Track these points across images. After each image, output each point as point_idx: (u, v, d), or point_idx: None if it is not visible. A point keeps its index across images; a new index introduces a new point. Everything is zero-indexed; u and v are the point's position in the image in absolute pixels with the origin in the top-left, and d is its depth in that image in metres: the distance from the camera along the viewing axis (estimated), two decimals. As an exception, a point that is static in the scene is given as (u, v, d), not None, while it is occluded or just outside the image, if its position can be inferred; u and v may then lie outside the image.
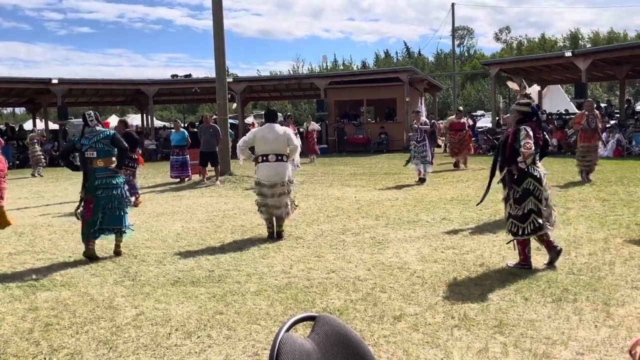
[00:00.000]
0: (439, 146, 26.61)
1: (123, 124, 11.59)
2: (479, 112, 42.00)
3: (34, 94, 28.85)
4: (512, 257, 6.28)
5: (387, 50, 73.65)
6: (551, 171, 14.51)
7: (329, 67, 62.00)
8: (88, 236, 6.94)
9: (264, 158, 7.77)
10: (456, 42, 47.96)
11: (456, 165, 17.19)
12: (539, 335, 4.13)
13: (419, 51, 70.24)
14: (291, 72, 60.99)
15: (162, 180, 16.36)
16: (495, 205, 9.72)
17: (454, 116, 18.46)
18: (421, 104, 27.58)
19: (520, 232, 5.79)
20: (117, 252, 7.14)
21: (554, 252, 5.84)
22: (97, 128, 7.15)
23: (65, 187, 15.62)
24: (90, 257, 6.91)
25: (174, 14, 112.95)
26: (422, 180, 13.45)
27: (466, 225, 8.15)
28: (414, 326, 4.39)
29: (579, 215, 8.61)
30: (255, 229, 8.45)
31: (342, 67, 62.83)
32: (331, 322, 1.73)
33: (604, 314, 4.49)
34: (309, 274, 5.93)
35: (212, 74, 32.51)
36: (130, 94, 32.53)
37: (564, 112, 27.09)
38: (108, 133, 7.13)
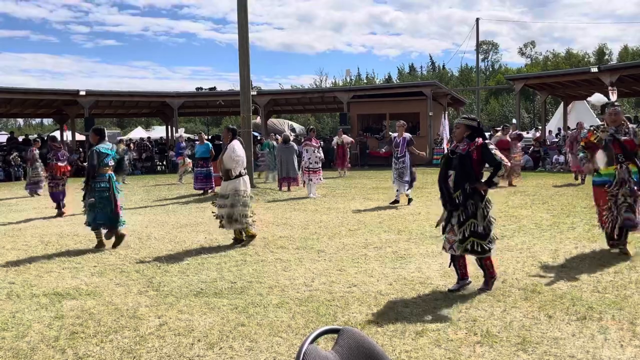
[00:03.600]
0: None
1: (53, 141, 13.13)
2: (503, 127, 41.71)
3: (61, 105, 29.38)
4: (537, 273, 6.22)
5: (412, 64, 73.72)
6: (576, 189, 14.36)
7: (352, 81, 62.19)
8: (117, 225, 8.40)
9: (246, 172, 8.61)
10: (480, 57, 47.85)
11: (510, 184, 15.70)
12: (563, 354, 4.08)
13: (443, 65, 70.20)
14: (314, 86, 61.28)
15: (186, 192, 16.51)
16: (519, 221, 9.65)
17: (499, 133, 16.71)
18: (444, 119, 27.58)
19: (485, 249, 5.59)
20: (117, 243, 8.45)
21: (492, 281, 5.75)
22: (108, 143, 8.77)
23: (90, 197, 15.84)
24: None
25: (198, 28, 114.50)
26: (396, 202, 12.50)
27: (489, 241, 8.08)
28: (436, 342, 4.37)
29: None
30: (277, 242, 8.49)
31: (365, 81, 62.97)
32: (355, 335, 1.75)
33: (630, 334, 4.42)
34: (331, 288, 5.94)
35: (236, 86, 32.84)
36: (155, 106, 32.95)
37: (589, 128, 26.77)
38: (113, 148, 8.87)
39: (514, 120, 18.23)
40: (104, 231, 8.45)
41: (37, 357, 4.29)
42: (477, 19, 41.40)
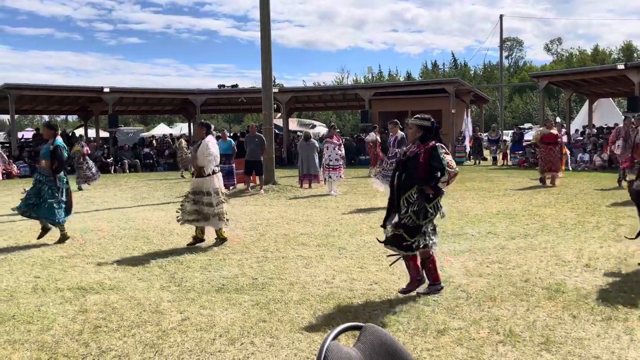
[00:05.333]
0: (485, 159, 26.28)
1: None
2: (527, 125, 41.35)
3: (86, 102, 29.74)
4: (561, 272, 6.15)
5: (435, 61, 73.32)
6: (603, 186, 14.14)
7: (374, 78, 61.98)
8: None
9: (219, 169, 8.44)
10: (504, 54, 47.39)
11: (542, 181, 15.05)
12: (587, 354, 4.02)
13: (465, 63, 69.69)
14: (335, 83, 61.18)
15: (208, 188, 16.58)
16: (543, 220, 9.54)
17: (543, 127, 15.95)
18: (467, 116, 27.36)
19: (407, 246, 5.37)
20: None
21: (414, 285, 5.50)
22: None
23: (114, 193, 16.02)
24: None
25: (220, 25, 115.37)
26: None
27: (512, 240, 8.01)
28: (457, 341, 4.34)
29: (631, 232, 8.35)
30: (298, 238, 8.50)
31: (386, 78, 62.73)
32: (377, 332, 1.73)
33: (656, 335, 4.34)
34: (352, 285, 5.93)
35: (257, 84, 32.89)
36: (178, 103, 33.18)
37: (613, 126, 26.38)
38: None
39: (557, 119, 17.34)
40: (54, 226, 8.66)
41: (62, 350, 4.35)
42: (501, 16, 41.03)
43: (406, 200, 5.45)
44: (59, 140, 8.73)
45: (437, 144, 5.43)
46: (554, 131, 15.19)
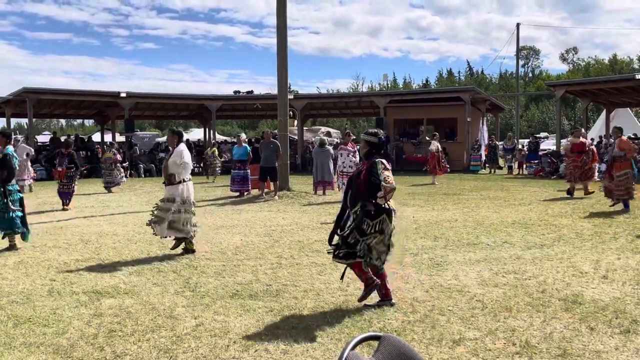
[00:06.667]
0: (500, 168, 26.10)
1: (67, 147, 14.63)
2: (543, 134, 41.12)
3: (103, 106, 29.97)
4: (578, 283, 6.07)
5: (450, 69, 73.18)
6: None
7: (389, 86, 61.95)
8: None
9: (190, 177, 8.18)
10: (520, 63, 47.11)
11: (570, 192, 14.48)
12: (605, 368, 3.97)
13: (482, 70, 69.49)
14: (349, 90, 61.23)
15: (223, 194, 16.65)
16: (559, 230, 9.45)
17: (570, 137, 15.61)
18: (482, 124, 27.23)
19: (346, 256, 5.34)
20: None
21: (370, 289, 5.36)
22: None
23: (129, 198, 16.11)
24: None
25: (235, 32, 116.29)
26: None
27: (528, 250, 7.93)
28: (473, 351, 4.30)
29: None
30: (312, 245, 8.48)
31: (401, 86, 62.67)
32: (396, 343, 1.72)
33: (676, 349, 4.27)
34: (366, 293, 5.89)
35: (272, 90, 33.04)
36: (193, 109, 33.34)
37: (632, 136, 26.14)
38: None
39: (585, 134, 16.70)
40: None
41: (77, 354, 4.37)
42: (518, 24, 40.79)
43: (352, 216, 5.44)
44: (10, 148, 8.63)
45: (377, 160, 5.42)
46: (582, 140, 14.97)
